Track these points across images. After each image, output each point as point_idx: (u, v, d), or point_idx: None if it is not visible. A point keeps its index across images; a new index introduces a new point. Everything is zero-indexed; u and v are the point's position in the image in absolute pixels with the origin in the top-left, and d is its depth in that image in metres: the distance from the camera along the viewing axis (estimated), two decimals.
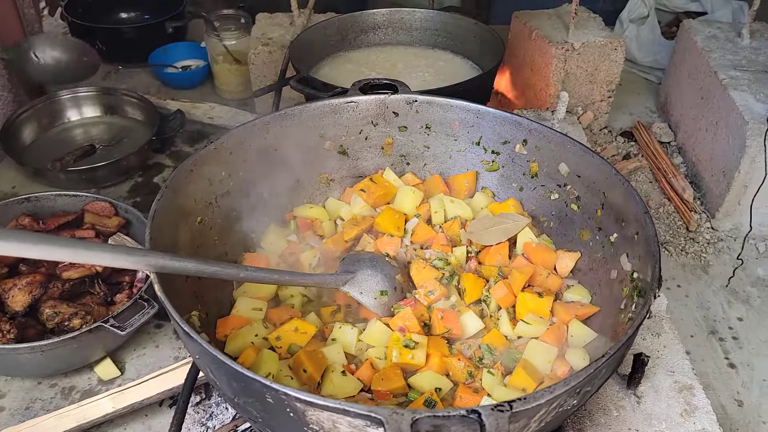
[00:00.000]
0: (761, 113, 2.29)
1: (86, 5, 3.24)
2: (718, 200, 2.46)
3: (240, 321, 1.40)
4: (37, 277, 1.82)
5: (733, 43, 2.70)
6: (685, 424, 1.37)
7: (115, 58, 3.20)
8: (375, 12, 2.47)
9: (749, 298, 2.26)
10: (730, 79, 2.48)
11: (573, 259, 1.53)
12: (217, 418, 1.68)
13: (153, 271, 1.12)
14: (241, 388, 1.03)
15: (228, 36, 2.87)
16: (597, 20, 2.77)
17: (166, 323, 2.00)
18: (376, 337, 1.39)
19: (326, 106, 1.67)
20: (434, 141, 1.74)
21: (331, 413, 0.94)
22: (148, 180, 2.56)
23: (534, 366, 1.33)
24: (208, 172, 1.48)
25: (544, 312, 1.43)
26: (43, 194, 2.08)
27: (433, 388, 1.30)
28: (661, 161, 2.71)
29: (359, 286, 1.43)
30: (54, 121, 2.64)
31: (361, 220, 1.65)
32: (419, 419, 0.89)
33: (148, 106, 2.65)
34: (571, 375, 1.00)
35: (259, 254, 1.59)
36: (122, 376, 1.85)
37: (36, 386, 1.81)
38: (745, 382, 2.00)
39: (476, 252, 1.60)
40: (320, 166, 1.73)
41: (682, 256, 2.41)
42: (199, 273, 1.20)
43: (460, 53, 2.46)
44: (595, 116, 2.86)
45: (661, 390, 1.44)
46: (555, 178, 1.59)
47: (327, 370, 1.32)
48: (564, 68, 2.63)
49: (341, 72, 2.37)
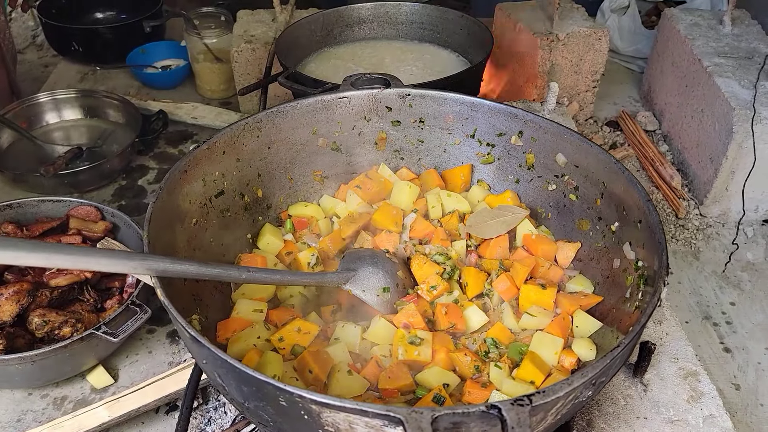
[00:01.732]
0: (747, 99, 2.31)
1: (60, 6, 3.17)
2: (705, 187, 2.48)
3: (241, 323, 1.37)
4: (24, 286, 1.77)
5: (715, 31, 2.72)
6: (692, 411, 1.38)
7: (92, 59, 3.14)
8: (360, 6, 2.44)
9: (740, 283, 2.28)
10: (715, 66, 2.50)
11: (574, 250, 1.53)
12: (215, 423, 1.65)
13: (154, 276, 1.09)
14: (252, 392, 1.00)
15: (209, 34, 2.82)
16: (580, 11, 2.78)
17: (158, 328, 1.96)
18: (380, 335, 1.37)
19: (318, 102, 1.64)
20: (428, 135, 1.72)
21: (347, 414, 0.92)
22: (132, 183, 2.51)
23: (541, 358, 1.33)
24: (202, 173, 1.45)
25: (548, 303, 1.42)
26: (25, 200, 2.02)
27: (441, 384, 1.28)
28: (647, 150, 2.73)
29: (361, 283, 1.41)
30: (32, 124, 2.57)
31: (357, 217, 1.63)
32: (439, 417, 0.88)
33: (129, 108, 2.60)
34: (588, 366, 0.99)
35: (256, 255, 1.56)
36: (116, 384, 1.81)
37: (27, 397, 1.76)
38: (741, 365, 2.02)
39: (476, 246, 1.59)
40: (314, 163, 1.70)
41: (673, 243, 2.43)
42: (201, 276, 1.17)
43: (446, 46, 2.44)
44: (581, 107, 2.86)
45: (667, 377, 1.44)
46: (552, 168, 1.58)
47: (333, 370, 1.30)
48: (550, 59, 2.63)
49: (328, 68, 2.34)
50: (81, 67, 3.19)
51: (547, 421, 1.03)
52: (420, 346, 1.33)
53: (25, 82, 3.07)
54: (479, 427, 0.91)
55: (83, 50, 3.07)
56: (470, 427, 0.91)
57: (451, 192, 1.68)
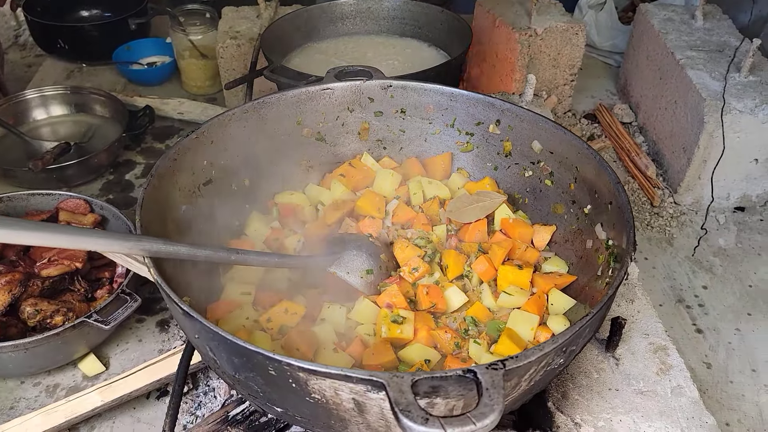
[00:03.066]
0: (717, 90, 2.40)
1: (45, 4, 3.19)
2: (679, 175, 2.56)
3: (230, 305, 1.42)
4: (16, 276, 1.81)
5: (687, 25, 2.81)
6: (661, 382, 1.45)
7: (78, 57, 3.16)
8: (343, 2, 2.50)
9: (712, 267, 2.37)
10: (687, 59, 2.58)
11: (549, 232, 1.59)
12: (206, 407, 1.69)
13: (147, 256, 1.13)
14: (243, 363, 1.05)
15: (194, 31, 2.86)
16: (558, 6, 2.85)
17: (148, 317, 2.00)
18: (364, 315, 1.42)
19: (303, 93, 1.69)
20: (410, 125, 1.78)
21: (333, 380, 0.97)
22: (120, 177, 2.54)
23: (518, 334, 1.39)
24: (191, 161, 1.49)
25: (525, 283, 1.48)
26: (15, 194, 2.05)
27: (422, 360, 1.34)
28: (624, 141, 2.81)
29: (345, 266, 1.47)
30: (20, 121, 2.60)
31: (342, 204, 1.68)
32: (419, 380, 0.93)
33: (116, 104, 2.63)
34: (558, 334, 1.05)
35: (244, 241, 1.60)
36: (107, 372, 1.85)
37: (19, 386, 1.80)
38: (712, 345, 2.10)
39: (456, 230, 1.65)
40: (299, 153, 1.75)
41: (648, 230, 2.51)
42: (192, 257, 1.22)
43: (427, 41, 2.51)
44: (559, 100, 2.94)
45: (638, 351, 1.51)
46: (528, 155, 1.65)
47: (319, 348, 1.35)
48: (528, 53, 2.69)
49: (312, 62, 2.39)
50: (67, 65, 3.21)
51: (521, 387, 1.09)
52: (402, 324, 1.38)
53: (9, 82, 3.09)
54: (456, 390, 0.97)
55: (69, 48, 3.10)
56: (448, 391, 0.97)
57: (432, 179, 1.74)
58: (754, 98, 2.37)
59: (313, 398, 1.03)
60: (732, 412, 1.91)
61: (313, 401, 1.04)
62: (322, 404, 1.04)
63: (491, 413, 0.89)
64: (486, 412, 0.89)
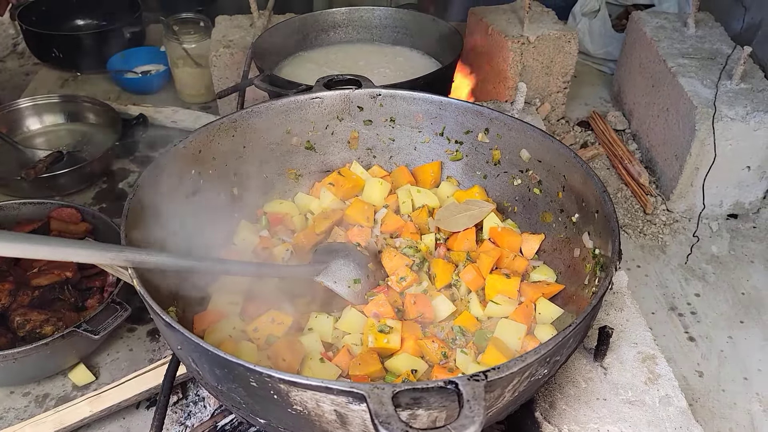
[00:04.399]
0: (709, 98, 2.40)
1: (40, 12, 3.20)
2: (672, 183, 2.56)
3: (217, 315, 1.42)
4: (6, 286, 1.81)
5: (679, 33, 2.82)
6: (649, 391, 1.44)
7: (73, 66, 3.17)
8: (335, 11, 2.50)
9: (705, 275, 2.36)
10: (678, 66, 2.59)
11: (537, 241, 1.59)
12: (195, 417, 1.69)
13: (131, 266, 1.13)
14: (225, 375, 1.05)
15: (188, 39, 2.87)
16: (550, 14, 2.86)
17: (138, 327, 2.00)
18: (351, 325, 1.42)
19: (292, 102, 1.69)
20: (399, 133, 1.78)
21: (314, 392, 0.97)
22: (113, 186, 2.55)
23: (505, 343, 1.38)
24: (179, 171, 1.49)
25: (512, 292, 1.48)
26: (6, 203, 2.06)
27: (409, 370, 1.34)
28: (617, 148, 2.81)
29: (333, 275, 1.46)
30: (13, 129, 2.60)
31: (331, 213, 1.68)
32: (400, 392, 0.93)
33: (109, 112, 2.64)
34: (541, 344, 1.05)
35: (233, 250, 1.60)
36: (97, 381, 1.84)
37: (8, 396, 1.79)
38: (705, 353, 2.09)
39: (445, 239, 1.65)
40: (288, 162, 1.76)
41: (641, 237, 2.51)
42: (177, 267, 1.22)
43: (419, 49, 2.51)
44: (553, 107, 2.94)
45: (626, 361, 1.51)
46: (517, 164, 1.65)
47: (305, 358, 1.35)
48: (521, 61, 2.70)
49: (303, 71, 2.39)
50: (62, 74, 3.23)
51: (504, 398, 1.09)
52: (389, 334, 1.38)
53: (5, 91, 3.10)
54: (438, 402, 0.97)
55: (64, 56, 3.11)
56: (430, 402, 0.97)
57: (421, 188, 1.74)
58: (745, 105, 2.37)
59: (296, 410, 1.03)
60: (724, 421, 1.90)
61: (295, 413, 1.04)
62: (304, 416, 1.04)
63: (471, 425, 0.89)
64: (466, 423, 0.89)
